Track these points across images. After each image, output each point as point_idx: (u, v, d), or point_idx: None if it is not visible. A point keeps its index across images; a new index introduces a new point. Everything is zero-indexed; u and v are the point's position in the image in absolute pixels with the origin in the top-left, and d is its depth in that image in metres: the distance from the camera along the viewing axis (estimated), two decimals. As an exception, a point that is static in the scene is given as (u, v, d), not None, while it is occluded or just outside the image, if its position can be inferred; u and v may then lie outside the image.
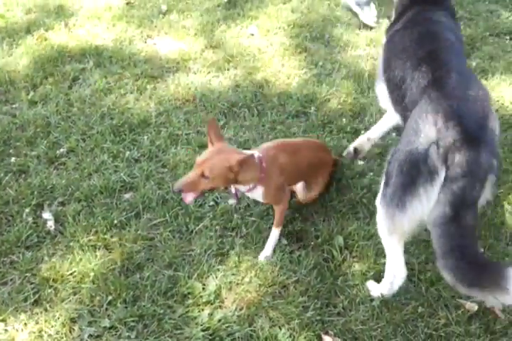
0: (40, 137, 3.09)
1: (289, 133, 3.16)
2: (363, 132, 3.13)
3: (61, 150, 3.04)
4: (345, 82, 3.54)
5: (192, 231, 2.53)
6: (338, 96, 3.42)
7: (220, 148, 2.11)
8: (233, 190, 2.37)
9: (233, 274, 2.30)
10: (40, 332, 2.10)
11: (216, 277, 2.28)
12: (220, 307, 2.19)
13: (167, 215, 2.61)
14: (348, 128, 3.18)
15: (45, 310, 2.18)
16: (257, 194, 2.30)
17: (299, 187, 2.62)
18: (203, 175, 2.03)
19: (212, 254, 2.40)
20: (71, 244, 2.48)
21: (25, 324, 2.12)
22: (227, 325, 2.11)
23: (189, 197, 2.12)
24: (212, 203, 2.68)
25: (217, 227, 2.53)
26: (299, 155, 2.46)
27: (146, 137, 3.12)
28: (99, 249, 2.45)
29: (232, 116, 3.32)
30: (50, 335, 2.08)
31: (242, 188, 2.27)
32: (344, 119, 3.25)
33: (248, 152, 2.22)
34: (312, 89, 3.46)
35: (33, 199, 2.68)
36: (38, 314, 2.17)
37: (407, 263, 2.25)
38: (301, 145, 2.61)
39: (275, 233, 2.42)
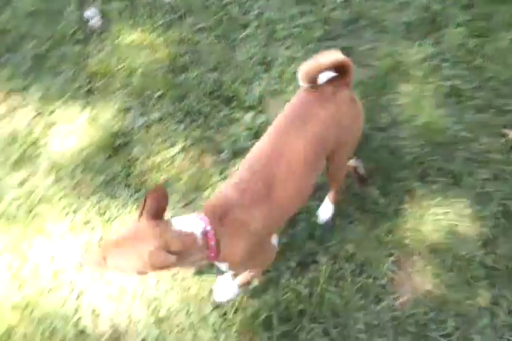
0: None
1: None
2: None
3: None
4: None
5: (236, 39, 2.54)
6: None
7: (138, 230, 1.32)
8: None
9: (276, 83, 2.36)
10: (97, 116, 2.29)
11: (259, 84, 2.35)
12: (261, 111, 2.30)
13: (210, 20, 2.58)
14: None
15: (98, 99, 2.33)
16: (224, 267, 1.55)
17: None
18: (105, 260, 1.36)
19: (256, 62, 2.43)
20: (116, 42, 2.51)
21: (84, 107, 2.31)
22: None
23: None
24: (257, 12, 2.62)
25: (261, 36, 2.52)
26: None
27: None
28: (144, 48, 2.50)
29: None
30: (106, 119, 2.27)
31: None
32: None
33: (189, 225, 1.36)
34: None
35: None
36: (93, 102, 2.33)
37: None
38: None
39: None
